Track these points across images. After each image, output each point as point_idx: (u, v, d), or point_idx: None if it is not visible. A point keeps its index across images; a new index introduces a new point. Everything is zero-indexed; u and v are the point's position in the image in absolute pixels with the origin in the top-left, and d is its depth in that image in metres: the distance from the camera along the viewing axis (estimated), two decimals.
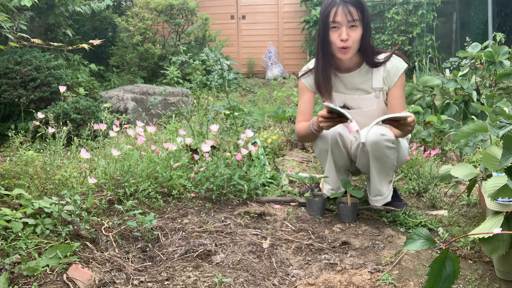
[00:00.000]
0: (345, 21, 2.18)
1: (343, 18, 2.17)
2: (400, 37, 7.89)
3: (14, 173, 2.35)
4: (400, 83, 2.32)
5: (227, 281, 1.66)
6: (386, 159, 2.22)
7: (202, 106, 3.77)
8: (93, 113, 4.06)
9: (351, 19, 2.17)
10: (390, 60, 2.31)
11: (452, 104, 3.72)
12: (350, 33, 2.20)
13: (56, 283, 1.59)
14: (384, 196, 2.33)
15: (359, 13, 2.18)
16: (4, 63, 4.13)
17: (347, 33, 2.19)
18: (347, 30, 2.19)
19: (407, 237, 1.40)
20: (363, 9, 2.20)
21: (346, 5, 2.17)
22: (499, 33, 5.17)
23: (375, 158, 2.22)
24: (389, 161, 2.24)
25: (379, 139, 2.19)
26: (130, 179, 2.31)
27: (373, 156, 2.21)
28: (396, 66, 2.31)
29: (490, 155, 1.64)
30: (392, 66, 2.30)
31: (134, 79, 6.85)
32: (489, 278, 1.74)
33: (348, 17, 2.17)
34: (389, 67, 2.30)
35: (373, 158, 2.22)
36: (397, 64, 2.31)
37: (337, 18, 2.18)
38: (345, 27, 2.19)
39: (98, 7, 5.62)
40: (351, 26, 2.19)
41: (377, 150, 2.19)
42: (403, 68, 2.31)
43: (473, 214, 2.38)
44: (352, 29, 2.20)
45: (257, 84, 8.23)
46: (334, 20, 2.19)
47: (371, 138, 2.20)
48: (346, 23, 2.18)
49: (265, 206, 2.40)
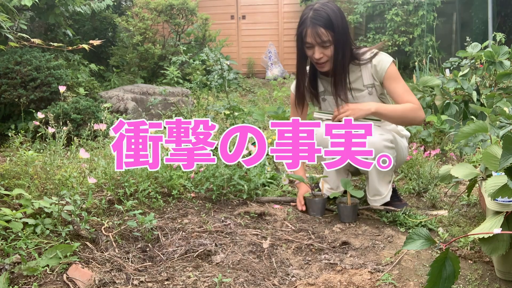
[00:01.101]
0: (315, 42, 2.20)
1: (313, 40, 2.20)
2: (401, 37, 7.89)
3: (14, 173, 2.35)
4: (390, 76, 2.29)
5: (227, 281, 1.66)
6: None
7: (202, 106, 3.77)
8: (93, 113, 4.06)
9: (320, 41, 2.18)
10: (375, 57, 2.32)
11: (452, 104, 3.72)
12: (323, 51, 2.22)
13: (56, 283, 1.59)
14: (382, 196, 2.33)
15: (329, 32, 2.17)
16: (4, 63, 4.13)
17: (319, 52, 2.22)
18: (319, 49, 2.21)
19: (407, 237, 1.40)
20: (333, 28, 2.18)
21: (315, 27, 2.17)
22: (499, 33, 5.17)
23: (374, 158, 2.21)
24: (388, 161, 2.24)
25: (378, 139, 2.19)
26: (130, 179, 2.31)
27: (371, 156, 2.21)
28: (381, 60, 2.30)
29: (490, 155, 1.64)
30: (378, 61, 2.30)
31: (134, 79, 6.85)
32: (489, 278, 1.74)
33: (317, 39, 2.18)
34: (375, 62, 2.31)
35: (371, 158, 2.22)
36: (382, 58, 2.31)
37: (307, 39, 2.21)
38: (317, 46, 2.21)
39: (98, 7, 5.62)
40: (323, 46, 2.20)
41: (376, 150, 2.19)
42: (388, 62, 2.29)
43: (473, 214, 2.38)
44: (325, 48, 2.21)
45: (257, 84, 8.24)
46: (306, 41, 2.22)
47: (370, 139, 2.20)
48: (318, 43, 2.20)
49: (265, 206, 2.40)
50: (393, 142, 2.23)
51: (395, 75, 2.30)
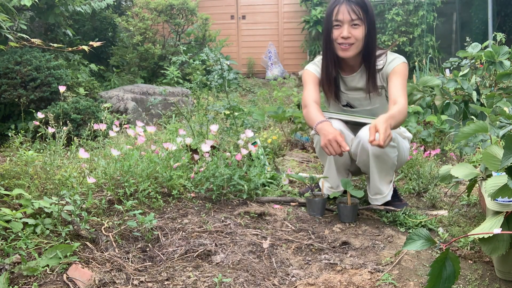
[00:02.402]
0: (347, 19, 2.18)
1: (345, 16, 2.18)
2: (401, 37, 7.89)
3: (14, 173, 2.35)
4: (396, 71, 2.25)
5: (227, 281, 1.66)
6: (386, 157, 2.22)
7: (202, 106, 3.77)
8: (93, 113, 4.06)
9: (352, 18, 2.17)
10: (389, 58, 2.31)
11: (452, 104, 3.73)
12: (352, 31, 2.20)
13: (56, 283, 1.59)
14: (384, 195, 2.33)
15: (362, 12, 2.18)
16: (4, 63, 4.13)
17: (348, 31, 2.19)
18: (349, 28, 2.19)
19: (407, 237, 1.40)
20: (367, 9, 2.19)
21: (349, 3, 2.17)
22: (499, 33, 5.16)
23: (375, 156, 2.22)
24: (389, 160, 2.24)
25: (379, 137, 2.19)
26: (130, 179, 2.31)
27: (372, 154, 2.22)
28: (391, 60, 2.29)
29: (491, 155, 1.64)
30: (391, 59, 2.30)
31: (134, 79, 6.85)
32: (489, 278, 1.74)
33: (352, 15, 2.17)
34: (389, 60, 2.31)
35: (373, 156, 2.22)
36: (394, 57, 2.30)
37: (339, 16, 2.19)
38: (347, 25, 2.19)
39: (98, 6, 5.62)
40: (353, 24, 2.19)
41: (377, 148, 2.20)
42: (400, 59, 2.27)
43: (473, 214, 2.38)
44: (354, 28, 2.19)
45: (257, 84, 8.23)
46: (337, 18, 2.20)
47: None
48: (348, 21, 2.18)
49: (265, 206, 2.40)
50: (394, 141, 2.23)
51: (402, 72, 2.26)
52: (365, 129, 2.26)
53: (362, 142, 2.24)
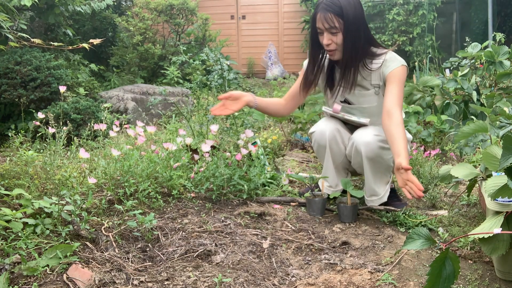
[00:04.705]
0: (324, 28, 2.18)
1: (323, 25, 2.17)
2: (401, 37, 7.89)
3: (14, 173, 2.35)
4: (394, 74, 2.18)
5: (227, 281, 1.66)
6: (380, 159, 2.22)
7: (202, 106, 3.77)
8: (93, 113, 4.06)
9: (329, 26, 2.15)
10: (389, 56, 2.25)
11: (452, 104, 3.73)
12: (332, 38, 2.19)
13: (56, 283, 1.59)
14: (379, 196, 2.33)
15: (337, 19, 2.13)
16: (4, 63, 4.13)
17: (328, 38, 2.19)
18: (328, 36, 2.19)
19: (407, 237, 1.40)
20: (343, 16, 2.13)
21: (324, 12, 2.14)
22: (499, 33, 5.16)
23: (368, 158, 2.21)
24: (383, 162, 2.24)
25: (372, 140, 2.19)
26: (130, 179, 2.31)
27: (366, 157, 2.21)
28: (390, 60, 2.23)
29: (490, 155, 1.65)
30: (390, 59, 2.23)
31: (134, 79, 6.85)
32: (489, 278, 1.74)
33: (325, 24, 2.15)
34: (387, 58, 2.23)
35: (366, 159, 2.22)
36: (393, 59, 2.23)
37: (318, 24, 2.19)
38: (326, 32, 2.19)
39: (98, 6, 5.61)
40: (331, 32, 2.18)
41: (370, 151, 2.19)
42: (400, 62, 2.20)
43: (473, 214, 2.38)
44: (334, 35, 2.18)
45: (257, 84, 8.23)
46: (318, 25, 2.20)
47: (364, 139, 2.20)
48: (326, 29, 2.18)
49: (265, 206, 2.40)
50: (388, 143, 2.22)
51: (399, 78, 2.18)
52: (359, 131, 2.26)
53: (355, 144, 2.24)
